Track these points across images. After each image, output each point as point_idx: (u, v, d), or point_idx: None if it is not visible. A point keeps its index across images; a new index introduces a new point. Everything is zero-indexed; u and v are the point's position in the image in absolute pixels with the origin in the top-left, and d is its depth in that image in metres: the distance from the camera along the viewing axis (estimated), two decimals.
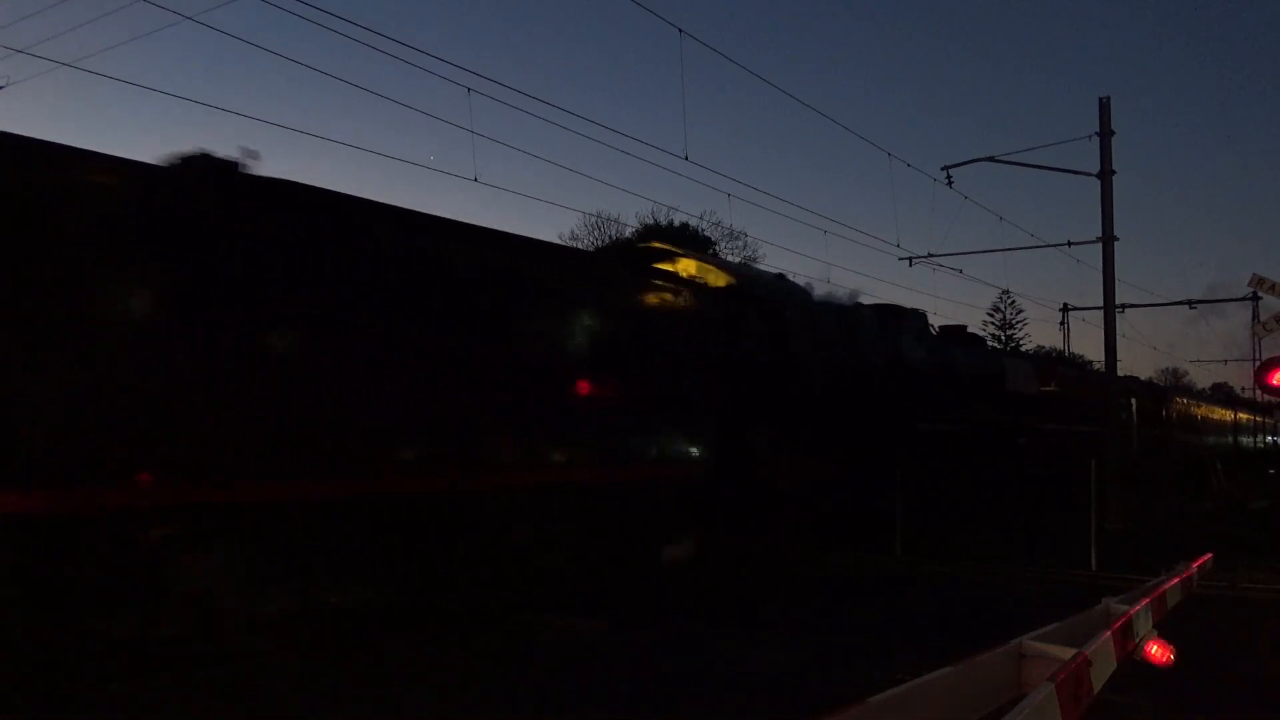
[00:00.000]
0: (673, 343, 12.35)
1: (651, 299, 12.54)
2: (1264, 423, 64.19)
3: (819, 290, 16.98)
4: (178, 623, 7.52)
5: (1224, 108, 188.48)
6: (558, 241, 32.43)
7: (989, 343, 45.40)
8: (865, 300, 18.96)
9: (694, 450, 12.68)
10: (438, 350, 9.48)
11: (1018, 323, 73.11)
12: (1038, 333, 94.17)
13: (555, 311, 11.13)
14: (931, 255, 26.17)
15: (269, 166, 8.68)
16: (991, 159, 22.50)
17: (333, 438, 8.47)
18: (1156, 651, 5.03)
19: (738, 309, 13.83)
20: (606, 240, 44.68)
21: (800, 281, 16.77)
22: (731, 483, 13.10)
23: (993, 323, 72.29)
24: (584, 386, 11.04)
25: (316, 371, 8.43)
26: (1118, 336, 21.30)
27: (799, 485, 14.68)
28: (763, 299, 14.59)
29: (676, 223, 45.17)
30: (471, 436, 9.85)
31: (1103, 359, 21.84)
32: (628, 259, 14.59)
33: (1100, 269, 20.94)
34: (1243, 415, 61.25)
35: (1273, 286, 16.64)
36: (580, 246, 41.08)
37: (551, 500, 10.59)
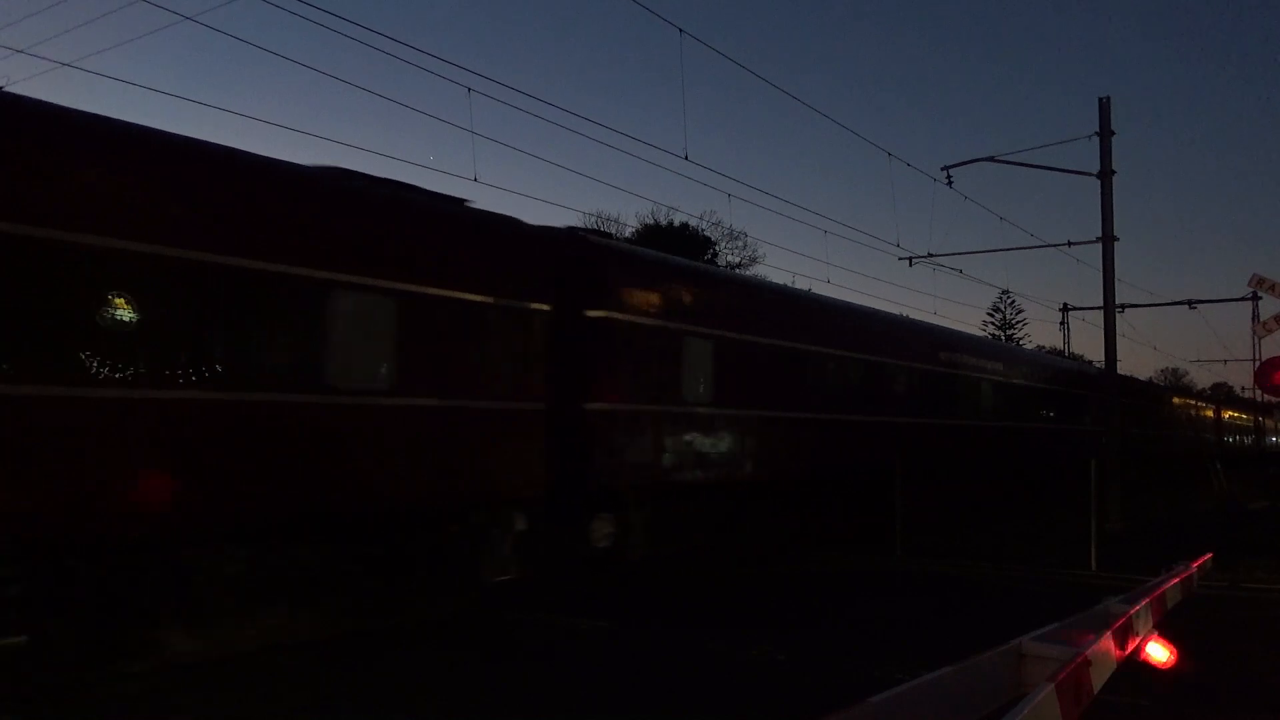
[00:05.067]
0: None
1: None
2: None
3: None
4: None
5: (1224, 108, 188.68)
6: None
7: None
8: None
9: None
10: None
11: (1018, 323, 73.28)
12: (1038, 333, 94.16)
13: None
14: (931, 255, 26.22)
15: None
16: (991, 159, 22.52)
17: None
18: (1156, 651, 5.03)
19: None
20: None
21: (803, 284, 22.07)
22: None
23: (993, 323, 72.46)
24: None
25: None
26: (1118, 336, 21.35)
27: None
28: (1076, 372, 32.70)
29: (676, 223, 45.21)
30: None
31: (1103, 359, 21.87)
32: None
33: (1100, 269, 20.98)
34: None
35: (1273, 286, 16.65)
36: None
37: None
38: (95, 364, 7.20)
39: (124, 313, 7.38)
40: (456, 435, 9.89)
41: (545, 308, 11.03)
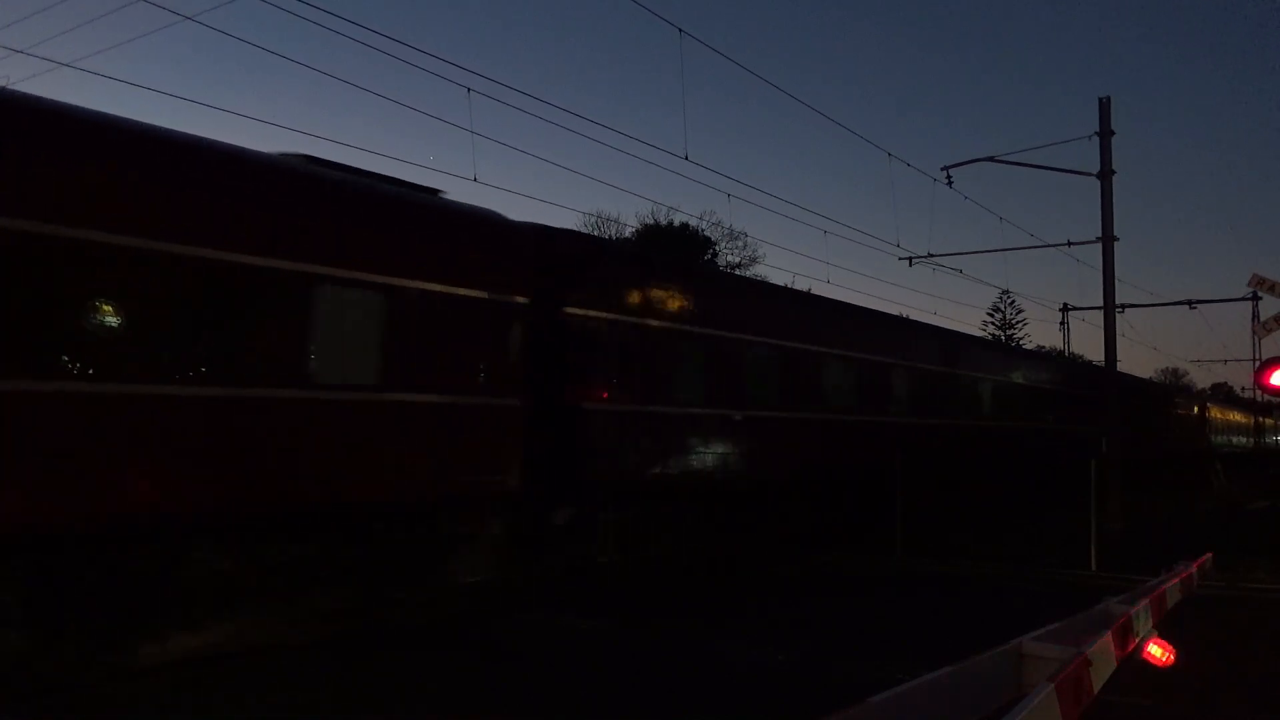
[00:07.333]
0: None
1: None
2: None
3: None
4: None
5: (1224, 108, 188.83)
6: None
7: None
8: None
9: None
10: None
11: (1018, 323, 73.27)
12: (1038, 333, 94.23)
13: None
14: (931, 255, 26.19)
15: None
16: (991, 159, 22.48)
17: None
18: (1156, 651, 5.03)
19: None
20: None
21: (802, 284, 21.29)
22: None
23: (993, 323, 72.44)
24: None
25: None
26: (1118, 336, 21.33)
27: None
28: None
29: (676, 223, 45.17)
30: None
31: (1103, 359, 21.85)
32: None
33: (1100, 269, 20.96)
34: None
35: (1273, 286, 16.63)
36: None
37: None
38: None
39: None
40: None
41: None
